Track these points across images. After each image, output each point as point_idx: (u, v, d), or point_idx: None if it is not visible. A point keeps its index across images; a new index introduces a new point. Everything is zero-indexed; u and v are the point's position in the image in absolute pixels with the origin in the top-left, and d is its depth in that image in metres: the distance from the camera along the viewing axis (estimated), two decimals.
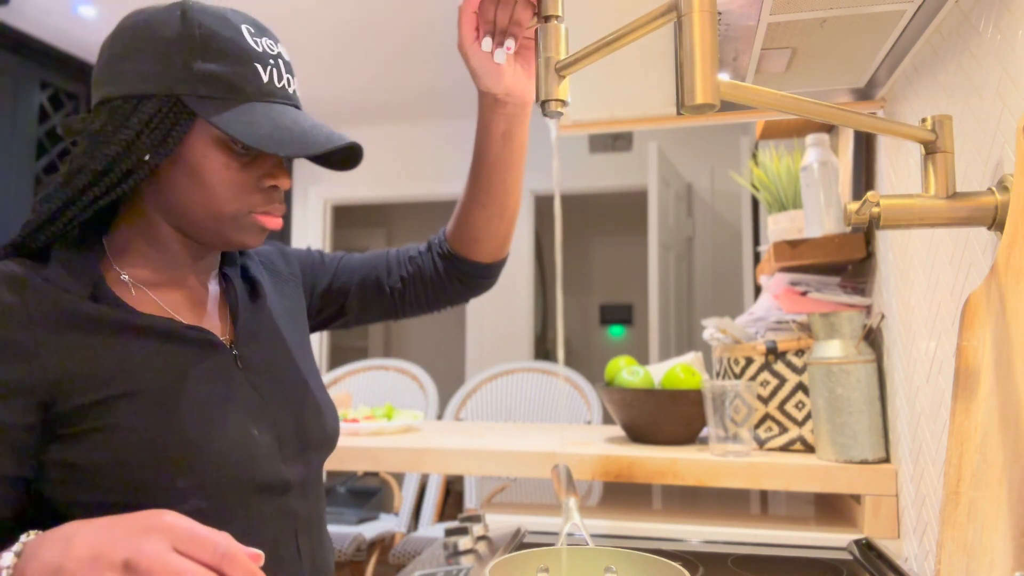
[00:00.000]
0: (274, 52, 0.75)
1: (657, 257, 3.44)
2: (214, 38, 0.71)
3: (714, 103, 0.57)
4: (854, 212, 0.64)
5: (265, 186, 0.74)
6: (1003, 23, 0.66)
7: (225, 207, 0.73)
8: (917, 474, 0.96)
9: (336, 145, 0.71)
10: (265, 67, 0.73)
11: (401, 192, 4.60)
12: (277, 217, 0.77)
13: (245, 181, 0.73)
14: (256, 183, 0.74)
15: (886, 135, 0.76)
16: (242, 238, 0.76)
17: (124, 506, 0.67)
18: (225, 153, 0.72)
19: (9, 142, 2.99)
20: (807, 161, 1.28)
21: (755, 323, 1.33)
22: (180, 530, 0.55)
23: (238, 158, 0.72)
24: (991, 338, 0.58)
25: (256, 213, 0.75)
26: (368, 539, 2.51)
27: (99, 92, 0.72)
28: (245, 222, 0.74)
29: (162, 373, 0.71)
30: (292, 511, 0.78)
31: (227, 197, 0.73)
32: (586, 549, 0.73)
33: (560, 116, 0.68)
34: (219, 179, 0.72)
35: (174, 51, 0.70)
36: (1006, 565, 0.52)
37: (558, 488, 0.95)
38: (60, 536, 0.56)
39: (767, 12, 0.79)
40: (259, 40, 0.74)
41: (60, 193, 0.71)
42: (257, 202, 0.74)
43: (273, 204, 0.76)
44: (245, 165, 0.73)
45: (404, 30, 3.24)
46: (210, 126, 0.71)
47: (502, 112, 0.90)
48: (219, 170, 0.72)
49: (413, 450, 1.32)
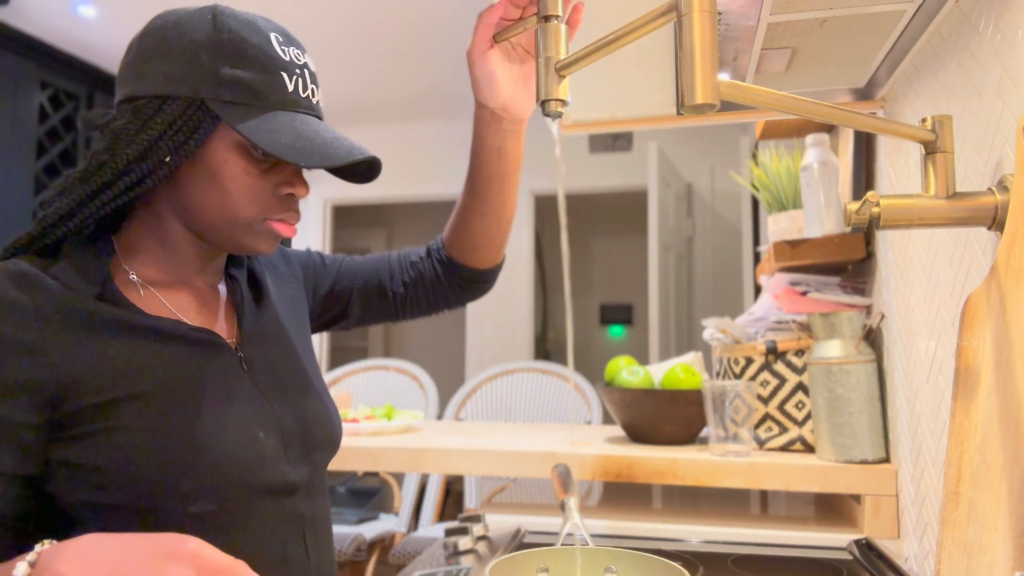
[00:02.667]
0: (301, 62, 0.75)
1: (657, 257, 3.44)
2: (243, 44, 0.71)
3: (714, 103, 0.57)
4: (854, 212, 0.64)
5: (282, 194, 0.75)
6: (1003, 23, 0.66)
7: (241, 212, 0.73)
8: (917, 474, 0.96)
9: (356, 159, 0.71)
10: (291, 76, 0.73)
11: (401, 192, 4.60)
12: (292, 225, 0.77)
13: (263, 188, 0.73)
14: (273, 190, 0.74)
15: (886, 135, 0.76)
16: (255, 244, 0.76)
17: (132, 508, 0.67)
18: (245, 159, 0.72)
19: (9, 142, 2.99)
20: (807, 161, 1.28)
21: (755, 323, 1.33)
22: (205, 559, 0.54)
23: (257, 165, 0.73)
24: (991, 338, 0.58)
25: (271, 220, 0.75)
26: (368, 539, 2.51)
27: (124, 90, 0.72)
28: (260, 228, 0.74)
29: (168, 375, 0.70)
30: (299, 512, 0.78)
31: (244, 203, 0.73)
32: (586, 549, 0.73)
33: (560, 116, 0.68)
34: (237, 184, 0.72)
35: (202, 54, 0.70)
36: (1006, 565, 0.52)
37: (558, 488, 0.95)
38: (78, 551, 0.55)
39: (767, 12, 0.79)
40: (287, 49, 0.74)
41: (79, 189, 0.71)
42: (273, 209, 0.74)
43: (289, 212, 0.76)
44: (264, 172, 0.73)
45: (404, 30, 3.24)
46: (232, 131, 0.71)
47: (497, 127, 0.90)
48: (238, 175, 0.72)
49: (413, 450, 1.32)
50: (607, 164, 4.31)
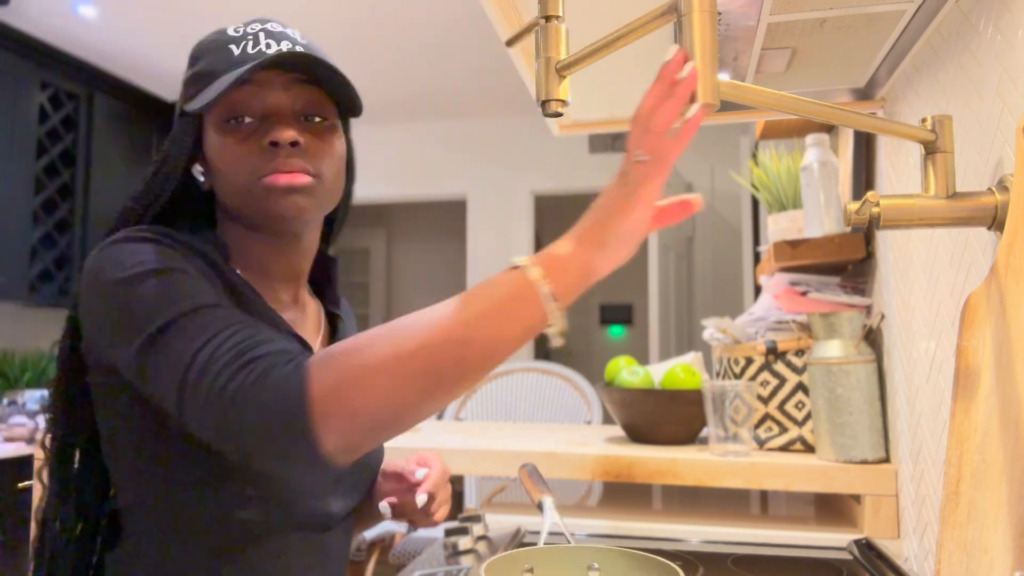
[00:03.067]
0: (256, 30, 0.76)
1: (657, 257, 3.44)
2: (200, 45, 0.77)
3: (714, 103, 0.57)
4: (854, 212, 0.64)
5: (264, 146, 0.73)
6: (1003, 23, 0.66)
7: (237, 181, 0.74)
8: (917, 474, 0.96)
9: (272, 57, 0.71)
10: (239, 44, 0.75)
11: (401, 192, 4.60)
12: (284, 174, 0.73)
13: (248, 151, 0.73)
14: (258, 148, 0.73)
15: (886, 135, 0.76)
16: (266, 207, 0.74)
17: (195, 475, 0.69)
18: (221, 134, 0.74)
19: (9, 142, 2.99)
20: (807, 161, 1.28)
21: (755, 323, 1.33)
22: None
23: (234, 133, 0.74)
24: (991, 338, 0.58)
25: (263, 177, 0.73)
26: (368, 539, 2.51)
27: None
28: (258, 190, 0.73)
29: None
30: (325, 547, 0.79)
31: (235, 172, 0.73)
32: (568, 547, 0.73)
33: (560, 116, 0.68)
34: (224, 159, 0.74)
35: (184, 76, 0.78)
36: (1006, 565, 0.52)
37: (531, 488, 0.95)
38: None
39: (767, 12, 0.79)
40: (243, 28, 0.77)
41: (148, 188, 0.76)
42: (261, 167, 0.73)
43: (275, 162, 0.73)
44: (244, 139, 0.74)
45: (405, 31, 3.24)
46: (209, 119, 0.75)
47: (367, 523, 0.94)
48: (222, 151, 0.74)
49: (413, 450, 1.32)
50: (607, 164, 4.31)
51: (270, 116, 0.74)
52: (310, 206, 0.74)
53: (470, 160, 4.50)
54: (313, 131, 0.76)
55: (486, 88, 3.97)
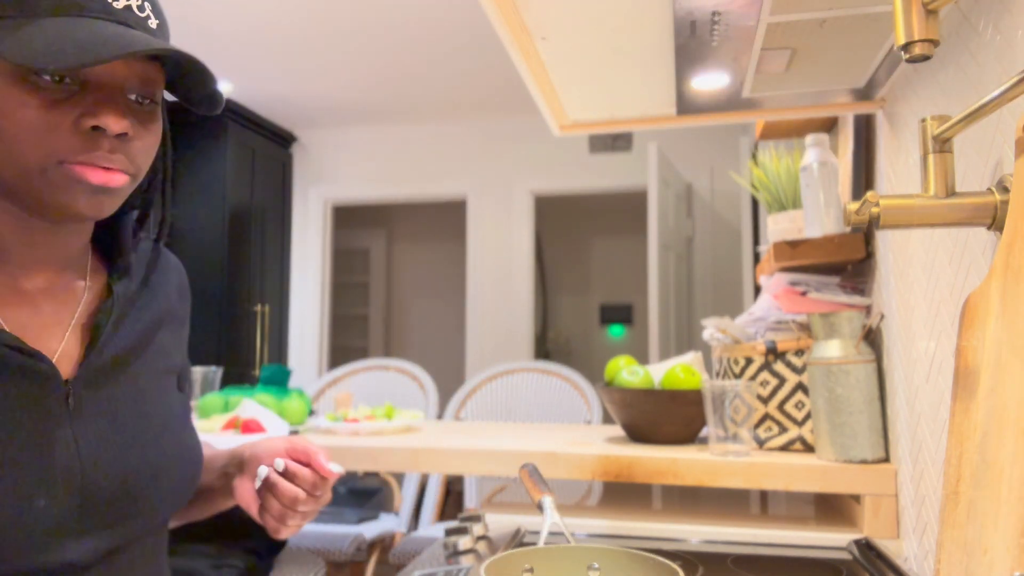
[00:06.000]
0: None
1: (657, 257, 3.44)
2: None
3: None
4: (854, 212, 0.64)
5: (85, 128, 0.59)
6: (1003, 23, 0.66)
7: (28, 155, 0.58)
8: (917, 474, 0.96)
9: (128, 51, 0.55)
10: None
11: (401, 192, 4.60)
12: (103, 170, 0.60)
13: (54, 123, 0.58)
14: (72, 126, 0.59)
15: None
16: (57, 198, 0.60)
17: None
18: (22, 89, 0.57)
19: None
20: (807, 161, 1.28)
21: (755, 323, 1.33)
22: None
23: (41, 95, 0.58)
24: (991, 338, 0.58)
25: (70, 163, 0.59)
26: (368, 539, 2.51)
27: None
28: (56, 176, 0.59)
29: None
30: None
31: (29, 143, 0.58)
32: (568, 547, 0.73)
33: (928, 59, 0.57)
34: (16, 121, 0.57)
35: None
36: (1006, 565, 0.52)
37: (531, 488, 0.95)
38: None
39: (767, 12, 0.79)
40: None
41: None
42: (71, 148, 0.59)
43: (97, 152, 0.59)
44: (54, 103, 0.58)
45: (404, 31, 3.24)
46: (4, 64, 0.57)
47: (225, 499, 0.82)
48: (15, 110, 0.57)
49: (413, 450, 1.32)
50: (607, 164, 4.31)
51: (98, 89, 0.59)
52: (113, 207, 0.63)
53: (470, 160, 4.51)
54: (141, 118, 0.63)
55: (486, 88, 3.97)
